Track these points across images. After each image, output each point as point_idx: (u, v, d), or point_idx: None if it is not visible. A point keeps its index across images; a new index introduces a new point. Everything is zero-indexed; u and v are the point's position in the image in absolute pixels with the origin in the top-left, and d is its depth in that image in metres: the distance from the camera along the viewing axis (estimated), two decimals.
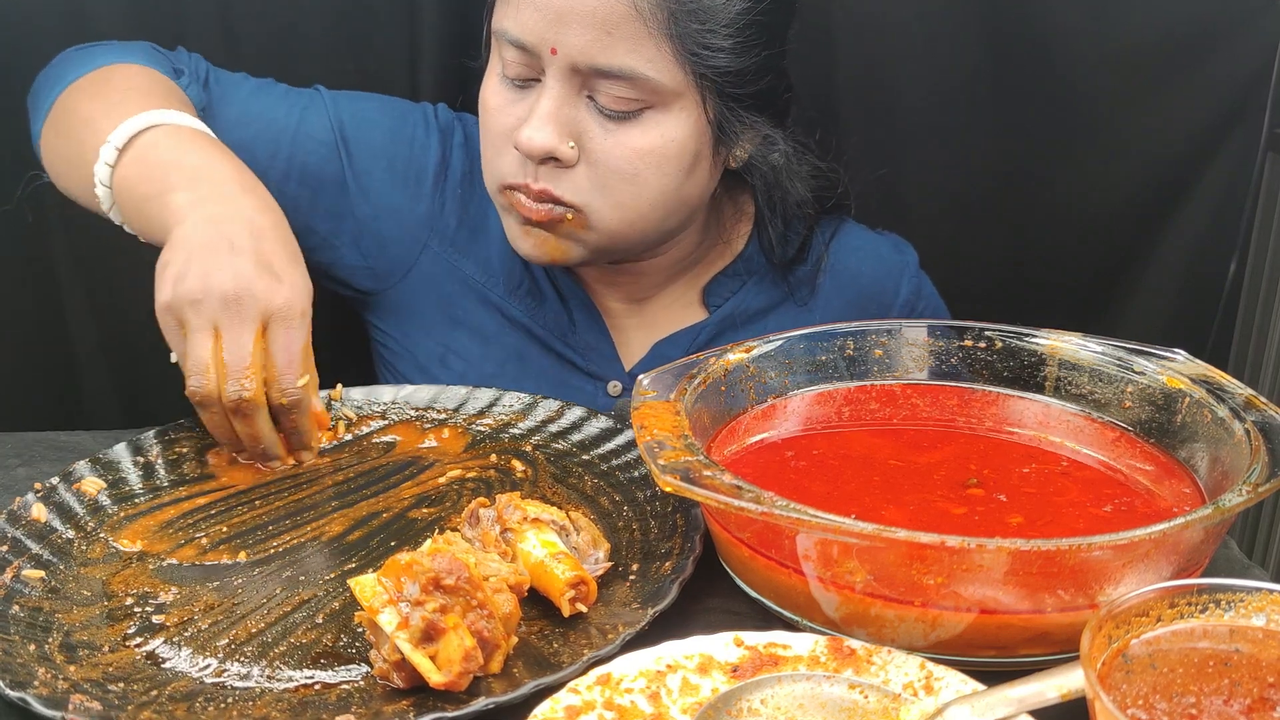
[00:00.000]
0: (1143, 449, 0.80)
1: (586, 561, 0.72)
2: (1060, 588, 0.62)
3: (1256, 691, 0.52)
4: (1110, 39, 1.17)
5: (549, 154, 0.94)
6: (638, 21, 0.90)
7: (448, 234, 1.10)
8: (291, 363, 0.85)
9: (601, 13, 0.89)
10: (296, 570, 0.75)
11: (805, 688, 0.58)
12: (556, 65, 0.92)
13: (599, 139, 0.94)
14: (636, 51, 0.91)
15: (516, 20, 0.93)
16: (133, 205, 0.93)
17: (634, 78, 0.91)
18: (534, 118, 0.93)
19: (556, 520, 0.74)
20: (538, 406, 0.94)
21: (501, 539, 0.72)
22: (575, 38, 0.90)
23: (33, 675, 0.62)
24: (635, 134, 0.94)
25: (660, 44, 0.91)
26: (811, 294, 1.13)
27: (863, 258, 1.15)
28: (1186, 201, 1.22)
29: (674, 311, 1.13)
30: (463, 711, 0.59)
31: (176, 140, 0.93)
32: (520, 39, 0.92)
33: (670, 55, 0.92)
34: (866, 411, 0.87)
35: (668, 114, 0.95)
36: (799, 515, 0.62)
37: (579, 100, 0.94)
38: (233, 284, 0.83)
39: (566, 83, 0.93)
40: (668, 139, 0.95)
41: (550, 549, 0.70)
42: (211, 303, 0.83)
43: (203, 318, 0.83)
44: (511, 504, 0.74)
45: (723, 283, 1.12)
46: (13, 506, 0.78)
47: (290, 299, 0.85)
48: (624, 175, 0.95)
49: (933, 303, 1.17)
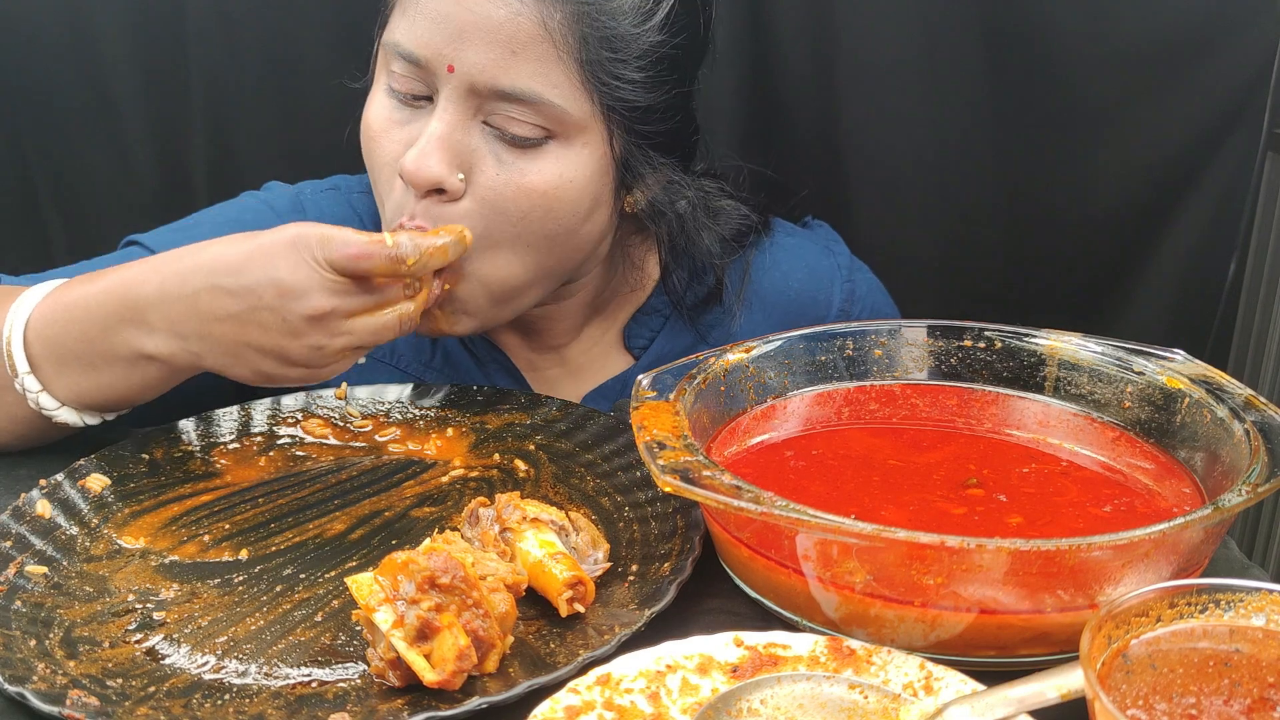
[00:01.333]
0: (1142, 449, 0.80)
1: (585, 562, 0.72)
2: (1060, 588, 0.62)
3: (1256, 692, 0.52)
4: (1110, 39, 1.17)
5: (436, 184, 0.85)
6: (546, 42, 0.84)
7: None
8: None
9: (508, 30, 0.83)
10: (297, 568, 0.75)
11: (805, 688, 0.58)
12: (453, 85, 0.84)
13: (490, 172, 0.86)
14: (543, 75, 0.84)
15: (411, 32, 0.85)
16: (77, 363, 0.82)
17: (538, 102, 0.84)
18: (421, 141, 0.85)
19: (556, 520, 0.74)
20: (541, 406, 0.95)
21: (500, 539, 0.72)
22: (476, 55, 0.83)
23: (32, 670, 0.63)
24: (532, 170, 0.86)
25: (569, 69, 0.85)
26: (728, 336, 1.04)
27: (788, 272, 1.08)
28: (1186, 201, 1.22)
29: (595, 356, 1.07)
30: (457, 711, 0.59)
31: (77, 288, 0.83)
32: (413, 53, 0.85)
33: (578, 83, 0.85)
34: (866, 411, 0.87)
35: (569, 149, 0.87)
36: (799, 515, 0.62)
37: (473, 125, 0.86)
38: (269, 277, 0.77)
39: (462, 105, 0.85)
40: (565, 178, 0.87)
41: (549, 549, 0.70)
42: (290, 309, 0.77)
43: (312, 327, 0.78)
44: (511, 504, 0.74)
45: (642, 322, 1.06)
46: (17, 502, 0.78)
47: (302, 228, 0.79)
48: (514, 218, 0.87)
49: (869, 301, 1.11)
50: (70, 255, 1.30)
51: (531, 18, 0.83)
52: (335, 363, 0.82)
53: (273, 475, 0.87)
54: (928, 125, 1.23)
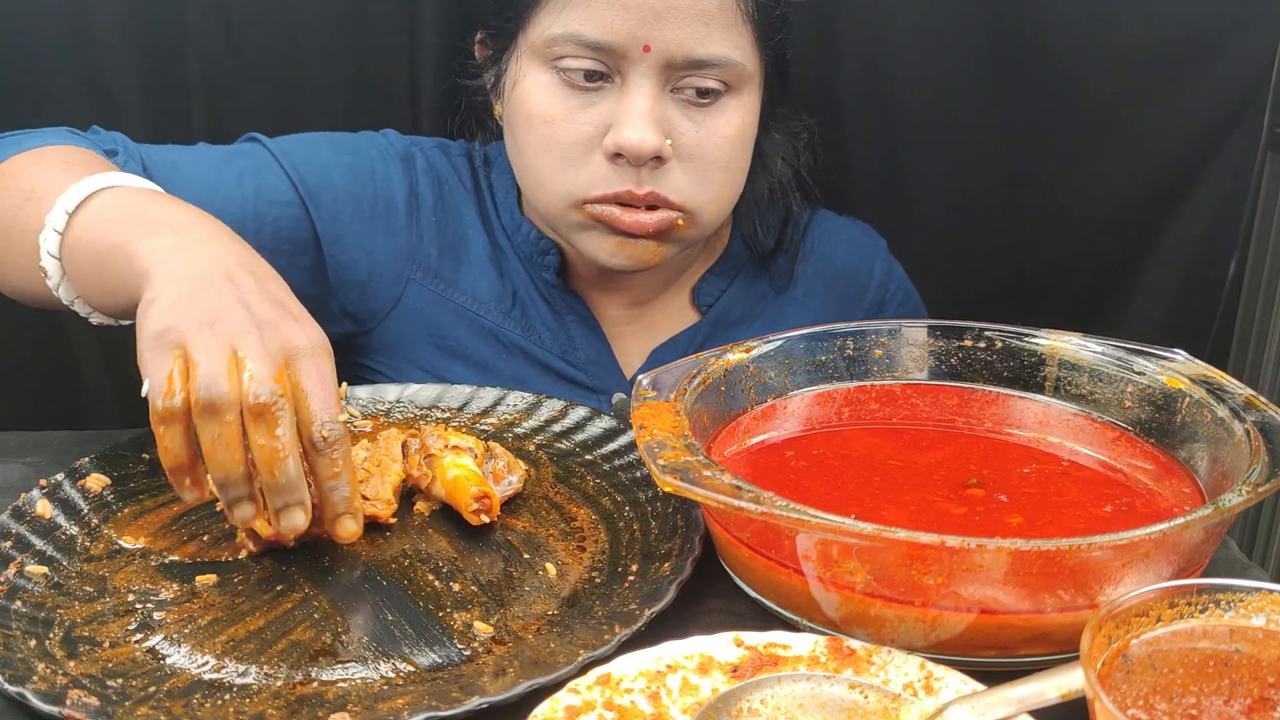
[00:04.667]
0: (1143, 449, 0.80)
1: (501, 484, 0.81)
2: (1060, 588, 0.62)
3: (1257, 692, 0.52)
4: (1111, 39, 1.17)
5: (656, 154, 0.92)
6: (733, 9, 0.91)
7: (430, 265, 1.06)
8: (330, 394, 0.69)
9: (701, 4, 0.90)
10: (297, 568, 0.75)
11: (805, 688, 0.58)
12: (649, 62, 0.91)
13: (690, 133, 0.94)
14: (729, 40, 0.92)
15: (595, 21, 0.90)
16: (89, 266, 0.78)
17: (727, 65, 0.92)
18: (631, 118, 0.91)
19: (474, 449, 0.82)
20: (541, 406, 0.95)
21: (425, 463, 0.81)
22: (673, 32, 0.90)
23: (32, 670, 0.63)
24: (720, 122, 0.95)
25: (748, 30, 0.93)
26: (791, 282, 1.13)
27: (837, 243, 1.16)
28: (1186, 201, 1.22)
29: (669, 314, 1.12)
30: (457, 711, 0.59)
31: (136, 198, 0.79)
32: (602, 40, 0.90)
33: (752, 40, 0.94)
34: (866, 411, 0.87)
35: (739, 98, 0.95)
36: (799, 515, 0.62)
37: (664, 95, 0.93)
38: (247, 314, 0.69)
39: (657, 78, 0.92)
40: (746, 123, 0.97)
41: (463, 470, 0.79)
42: (228, 325, 0.68)
43: (216, 339, 0.67)
44: (435, 433, 0.83)
45: (711, 281, 1.12)
46: (17, 502, 0.78)
47: (314, 338, 0.70)
48: (720, 165, 0.96)
49: (903, 285, 1.19)
50: None
51: None
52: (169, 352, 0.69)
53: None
54: (929, 124, 1.24)
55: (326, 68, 1.24)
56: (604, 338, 1.10)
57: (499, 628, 0.69)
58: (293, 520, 0.69)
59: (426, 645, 0.67)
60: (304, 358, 0.69)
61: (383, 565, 0.75)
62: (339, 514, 0.71)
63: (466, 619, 0.69)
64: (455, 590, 0.73)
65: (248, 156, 1.02)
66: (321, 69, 1.23)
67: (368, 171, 1.04)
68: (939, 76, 1.21)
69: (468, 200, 1.09)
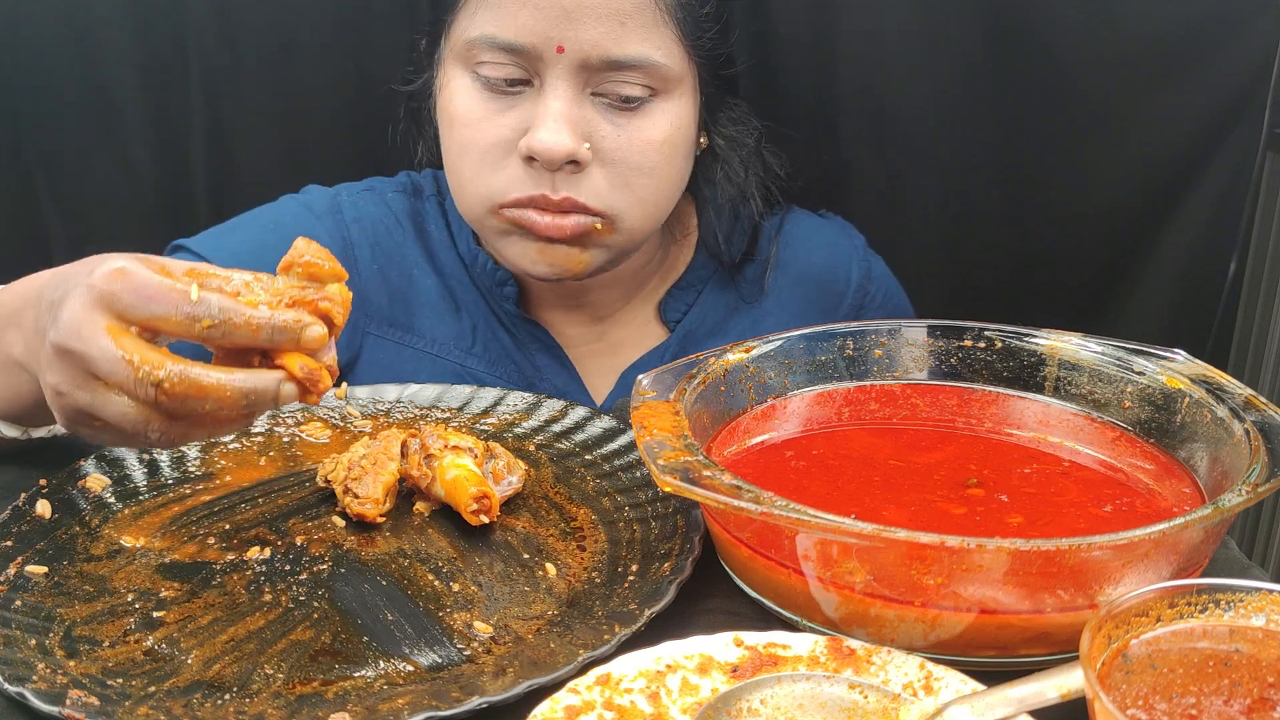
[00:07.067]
0: (1143, 449, 0.80)
1: (501, 484, 0.81)
2: (1060, 588, 0.62)
3: (1256, 691, 0.52)
4: (1110, 38, 1.17)
5: (571, 157, 0.90)
6: (650, 7, 0.89)
7: (383, 314, 1.04)
8: (148, 286, 0.63)
9: (616, 3, 0.87)
10: (297, 568, 0.75)
11: (805, 688, 0.58)
12: (564, 63, 0.88)
13: (611, 136, 0.91)
14: (651, 39, 0.89)
15: (506, 22, 0.88)
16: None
17: (647, 66, 0.90)
18: (546, 120, 0.89)
19: (474, 449, 0.82)
20: (541, 406, 0.95)
21: (424, 463, 0.81)
22: (587, 32, 0.88)
23: (32, 670, 0.63)
24: (646, 125, 0.92)
25: (670, 29, 0.90)
26: (761, 292, 1.10)
27: (812, 247, 1.13)
28: (1186, 201, 1.22)
29: (634, 331, 1.10)
30: (457, 711, 0.59)
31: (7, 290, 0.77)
32: (515, 42, 0.88)
33: (676, 39, 0.91)
34: (866, 411, 0.87)
35: (670, 100, 0.93)
36: (799, 515, 0.62)
37: (584, 98, 0.91)
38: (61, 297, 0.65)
39: (574, 80, 0.89)
40: (675, 126, 0.94)
41: (463, 470, 0.79)
42: (49, 335, 0.64)
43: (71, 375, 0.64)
44: (435, 433, 0.83)
45: (677, 295, 1.09)
46: (17, 502, 0.78)
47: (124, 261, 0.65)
48: (644, 170, 0.93)
49: (884, 284, 1.16)
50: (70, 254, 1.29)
51: None
52: (82, 426, 0.67)
53: (273, 475, 0.87)
54: (928, 123, 1.24)
55: (326, 68, 1.24)
56: (570, 365, 1.08)
57: (499, 628, 0.69)
58: (313, 332, 0.65)
59: (426, 645, 0.67)
60: (109, 299, 0.63)
61: (383, 565, 0.75)
62: (289, 339, 0.65)
63: (466, 619, 0.69)
64: (455, 590, 0.73)
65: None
66: (321, 69, 1.23)
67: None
68: (937, 75, 1.21)
69: (408, 239, 1.06)
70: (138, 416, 0.64)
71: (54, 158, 1.27)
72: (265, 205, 1.06)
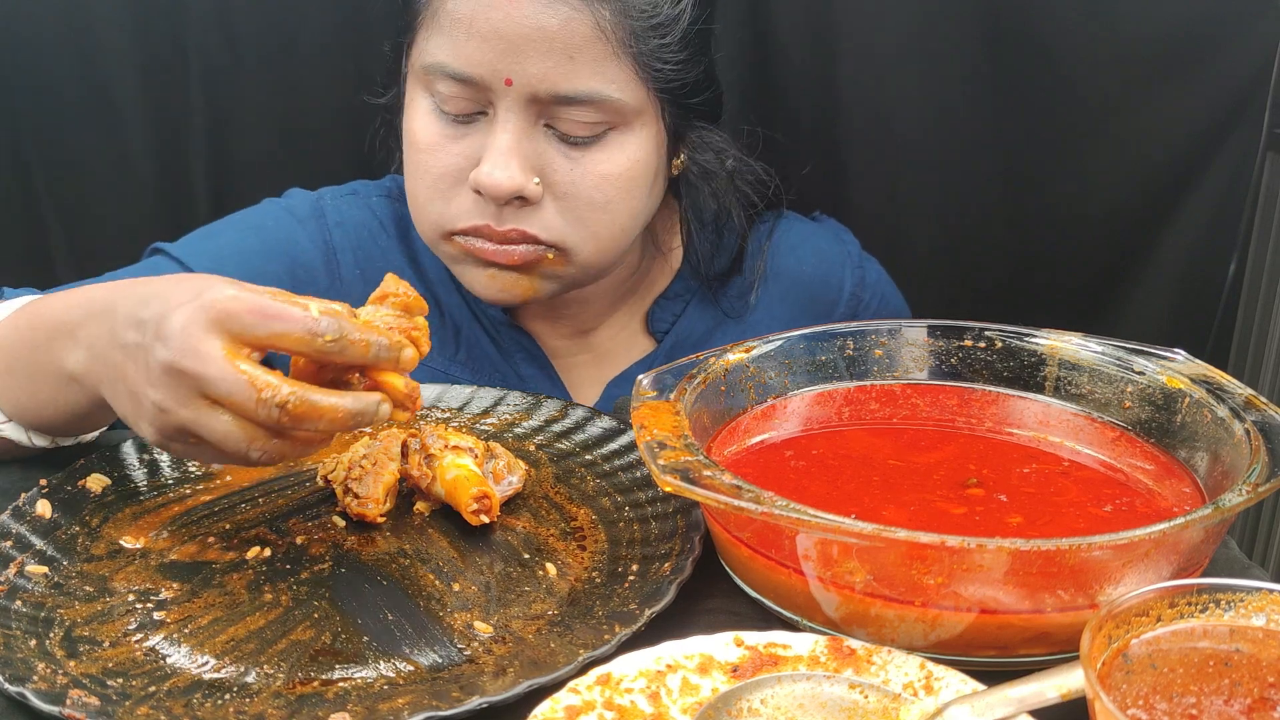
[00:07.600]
0: (1143, 449, 0.80)
1: (501, 484, 0.81)
2: (1060, 588, 0.62)
3: (1257, 691, 0.52)
4: (1110, 39, 1.17)
5: (517, 193, 0.88)
6: (600, 41, 0.86)
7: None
8: (262, 307, 0.67)
9: (563, 36, 0.85)
10: (297, 568, 0.75)
11: (805, 688, 0.58)
12: (512, 96, 0.86)
13: (564, 171, 0.89)
14: (601, 73, 0.87)
15: (458, 53, 0.87)
16: (20, 375, 0.77)
17: (599, 101, 0.87)
18: (493, 154, 0.87)
19: (475, 449, 0.82)
20: (541, 406, 0.95)
21: (425, 463, 0.81)
22: (534, 66, 0.85)
23: (32, 670, 0.63)
24: (601, 159, 0.90)
25: (623, 63, 0.87)
26: (747, 308, 1.09)
27: (802, 255, 1.12)
28: (1186, 201, 1.22)
29: (620, 342, 1.09)
30: (457, 711, 0.59)
31: (45, 301, 0.78)
32: (465, 73, 0.87)
33: (632, 73, 0.88)
34: (866, 411, 0.87)
35: (629, 133, 0.91)
36: (799, 515, 0.62)
37: (536, 131, 0.89)
38: (162, 313, 0.67)
39: (523, 114, 0.87)
40: (633, 159, 0.91)
41: (464, 470, 0.79)
42: (155, 351, 0.66)
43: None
44: (435, 433, 0.83)
45: (665, 306, 1.09)
46: (17, 503, 0.78)
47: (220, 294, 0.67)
48: (597, 205, 0.91)
49: (879, 290, 1.15)
50: (70, 254, 1.30)
51: (585, 20, 0.85)
52: (176, 442, 0.70)
53: (273, 475, 0.87)
54: (927, 124, 1.24)
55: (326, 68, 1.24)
56: (555, 375, 1.07)
57: (499, 628, 0.69)
58: (409, 354, 0.70)
59: (426, 645, 0.67)
60: (228, 321, 0.66)
61: (383, 565, 0.75)
62: (390, 358, 0.69)
63: (466, 619, 0.69)
64: (455, 590, 0.73)
65: (155, 272, 0.96)
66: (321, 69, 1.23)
67: (278, 244, 1.01)
68: (937, 77, 1.21)
69: (391, 244, 1.05)
70: (242, 435, 0.67)
71: (54, 158, 1.27)
72: (246, 209, 1.05)
